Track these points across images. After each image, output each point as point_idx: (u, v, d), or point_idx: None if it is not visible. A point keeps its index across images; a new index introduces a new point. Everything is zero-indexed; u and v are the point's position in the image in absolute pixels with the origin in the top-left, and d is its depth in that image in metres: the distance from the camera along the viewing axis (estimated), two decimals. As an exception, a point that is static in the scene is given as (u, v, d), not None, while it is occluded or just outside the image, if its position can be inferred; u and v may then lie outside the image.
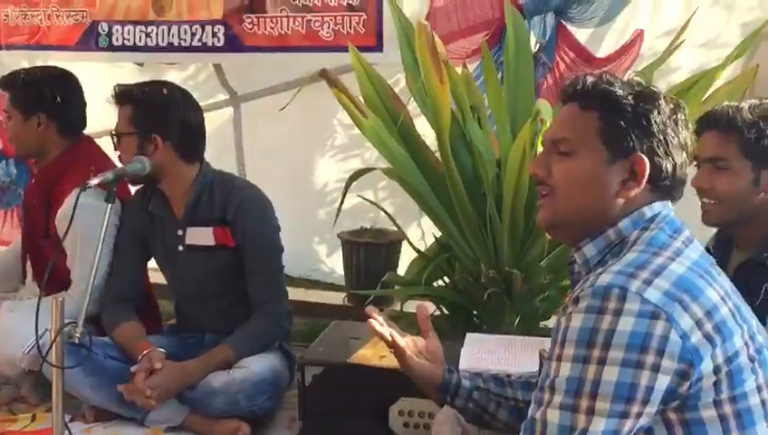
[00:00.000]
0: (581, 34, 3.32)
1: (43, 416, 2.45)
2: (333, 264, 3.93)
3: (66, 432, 2.06)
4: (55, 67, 2.80)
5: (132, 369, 2.26)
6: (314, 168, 3.93)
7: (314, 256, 3.96)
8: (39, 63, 4.06)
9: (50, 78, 2.66)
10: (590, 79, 1.29)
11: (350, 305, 3.59)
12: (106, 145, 2.66)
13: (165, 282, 2.68)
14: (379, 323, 1.53)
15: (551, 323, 2.81)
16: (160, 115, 2.41)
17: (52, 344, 1.98)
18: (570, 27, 3.32)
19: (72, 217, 2.03)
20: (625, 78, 1.33)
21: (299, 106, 3.32)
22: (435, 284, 2.93)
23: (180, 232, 2.48)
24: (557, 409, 1.11)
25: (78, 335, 1.98)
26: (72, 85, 2.70)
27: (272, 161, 3.92)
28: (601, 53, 3.30)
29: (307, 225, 3.84)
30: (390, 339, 1.51)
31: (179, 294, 2.63)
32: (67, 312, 1.95)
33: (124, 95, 2.42)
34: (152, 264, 2.67)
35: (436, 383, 1.52)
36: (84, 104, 2.74)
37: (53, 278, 2.23)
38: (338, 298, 3.65)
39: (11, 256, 2.93)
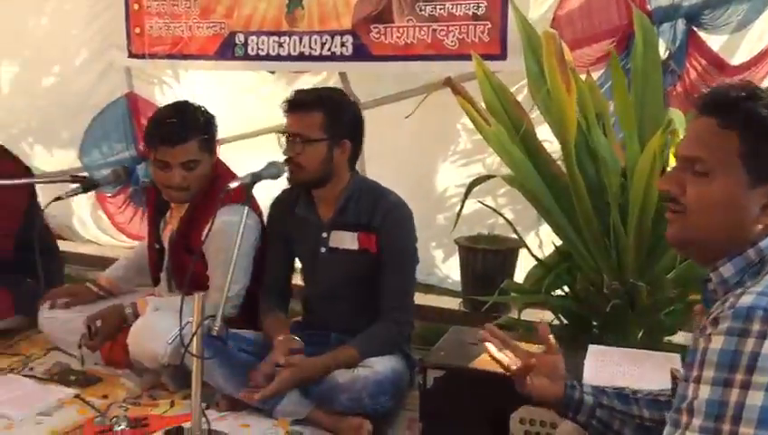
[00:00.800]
0: (714, 41, 3.20)
1: (180, 402, 2.60)
2: (448, 269, 3.96)
3: (203, 418, 2.21)
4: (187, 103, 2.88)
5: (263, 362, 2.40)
6: (435, 173, 3.96)
7: (430, 260, 4.01)
8: (180, 72, 4.38)
9: (197, 110, 2.78)
10: (732, 92, 1.23)
11: (465, 311, 3.61)
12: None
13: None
14: (496, 346, 1.54)
15: (676, 338, 2.74)
16: (350, 121, 2.55)
17: (193, 335, 2.13)
18: (701, 34, 3.20)
19: (212, 225, 2.20)
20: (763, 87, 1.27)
21: (422, 112, 3.37)
22: (554, 293, 2.91)
23: (325, 234, 2.60)
24: (696, 432, 1.09)
25: (216, 329, 2.13)
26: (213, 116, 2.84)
27: (392, 167, 3.98)
28: (736, 60, 3.17)
29: (425, 229, 3.88)
30: (507, 365, 1.53)
31: (313, 294, 2.74)
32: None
33: (313, 102, 2.50)
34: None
35: (556, 400, 1.52)
36: None
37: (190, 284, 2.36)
38: (452, 303, 3.68)
39: (137, 253, 3.15)
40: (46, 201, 3.23)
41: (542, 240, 3.53)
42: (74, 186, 2.76)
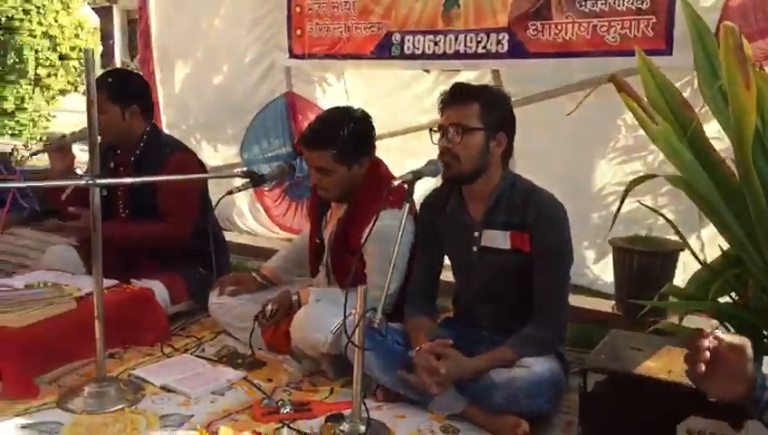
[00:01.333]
0: None
1: (339, 390, 2.70)
2: (600, 270, 3.87)
3: (363, 407, 2.29)
4: (349, 109, 2.98)
5: (412, 352, 2.43)
6: (591, 170, 3.87)
7: (581, 260, 3.93)
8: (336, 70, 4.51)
9: (360, 123, 2.87)
10: None
11: (618, 314, 3.52)
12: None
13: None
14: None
15: None
16: (505, 115, 2.55)
17: (356, 327, 2.22)
18: None
19: (373, 226, 2.29)
20: None
21: (578, 109, 3.31)
22: (720, 299, 2.78)
23: (476, 234, 2.59)
24: None
25: (377, 321, 2.20)
26: (371, 122, 2.93)
27: (544, 164, 3.93)
28: None
29: (578, 229, 3.81)
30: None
31: (465, 292, 2.75)
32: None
33: (471, 93, 2.53)
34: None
35: (740, 397, 1.46)
36: None
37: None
38: (603, 305, 3.59)
39: (304, 244, 3.26)
40: (213, 193, 3.48)
41: (704, 243, 3.38)
42: (244, 181, 2.92)
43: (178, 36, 5.21)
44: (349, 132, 2.79)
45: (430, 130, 2.58)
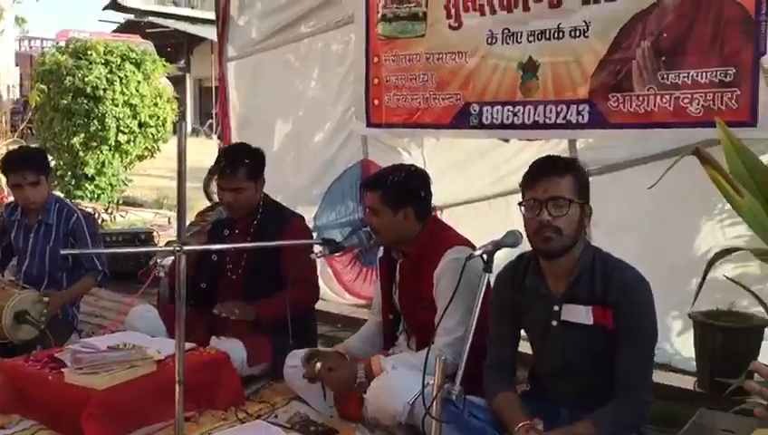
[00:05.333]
0: None
1: (411, 460, 2.67)
2: (681, 345, 3.75)
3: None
4: (410, 165, 3.21)
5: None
6: (673, 240, 3.80)
7: (661, 335, 3.82)
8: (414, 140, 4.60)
9: (413, 176, 3.04)
10: None
11: (700, 392, 3.38)
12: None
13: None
14: None
15: None
16: (588, 187, 2.54)
17: (434, 399, 2.20)
18: None
19: (460, 278, 2.36)
20: None
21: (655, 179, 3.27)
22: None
23: (556, 307, 2.53)
24: None
25: (455, 393, 2.18)
26: (428, 180, 3.08)
27: (620, 235, 3.88)
28: None
29: (656, 303, 3.73)
30: None
31: (543, 367, 2.68)
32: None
33: (566, 166, 2.53)
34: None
35: None
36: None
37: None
38: (682, 381, 3.48)
39: (371, 325, 3.30)
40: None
41: (794, 320, 3.26)
42: (320, 248, 2.98)
43: (258, 106, 5.41)
44: (398, 180, 2.99)
45: (519, 203, 2.54)
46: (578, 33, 3.67)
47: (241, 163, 3.45)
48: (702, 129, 3.26)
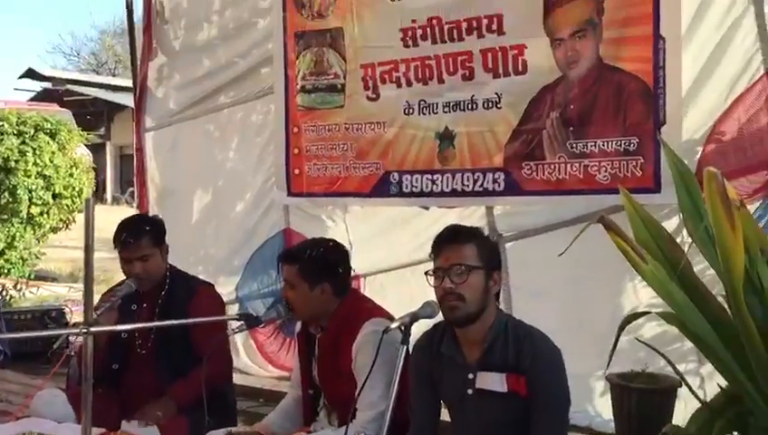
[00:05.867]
0: None
1: None
2: (601, 407, 3.80)
3: None
4: (329, 240, 3.20)
5: None
6: (587, 304, 3.87)
7: (581, 399, 3.87)
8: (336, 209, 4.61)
9: (332, 251, 3.03)
10: None
11: (621, 454, 3.42)
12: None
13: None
14: None
15: None
16: (497, 253, 2.65)
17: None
18: None
19: (377, 350, 2.38)
20: None
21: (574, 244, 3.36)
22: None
23: (471, 375, 2.52)
24: None
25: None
26: (347, 256, 3.09)
27: (541, 300, 3.95)
28: None
29: (576, 365, 3.78)
30: None
31: None
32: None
33: (467, 234, 2.58)
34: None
35: None
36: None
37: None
38: (607, 444, 3.52)
39: (291, 400, 3.22)
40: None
41: (704, 378, 3.34)
42: (238, 323, 2.92)
43: (178, 176, 5.36)
44: (316, 254, 2.96)
45: (426, 273, 2.57)
46: (491, 105, 3.81)
47: (143, 231, 3.38)
48: (610, 195, 3.37)
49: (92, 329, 2.13)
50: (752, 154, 3.31)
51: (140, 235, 3.36)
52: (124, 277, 3.43)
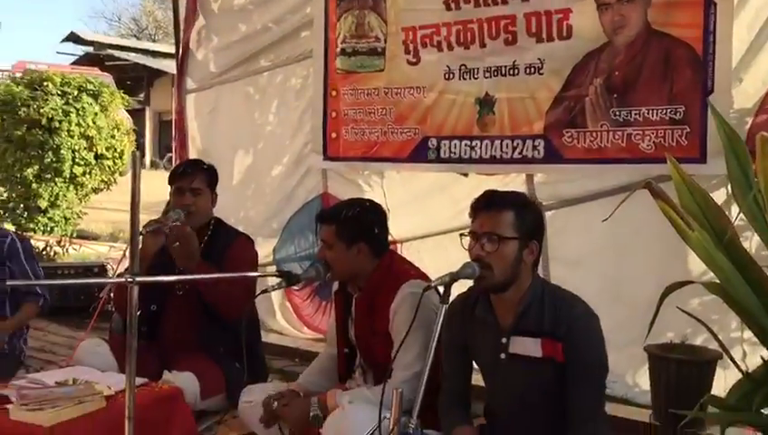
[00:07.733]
0: None
1: (370, 497, 2.63)
2: (639, 378, 3.78)
3: None
4: (366, 200, 3.16)
5: None
6: (628, 274, 3.84)
7: (617, 368, 3.85)
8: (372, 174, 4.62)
9: (368, 212, 3.01)
10: None
11: (656, 424, 3.40)
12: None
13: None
14: None
15: None
16: (537, 222, 2.53)
17: (390, 433, 2.17)
18: None
19: (416, 311, 2.38)
20: None
21: (616, 213, 3.31)
22: (763, 410, 2.68)
23: (504, 340, 2.50)
24: None
25: (412, 427, 2.15)
26: (384, 216, 3.05)
27: (579, 269, 3.92)
28: None
29: (614, 336, 3.75)
30: None
31: (495, 401, 2.66)
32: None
33: (505, 201, 2.50)
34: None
35: None
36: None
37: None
38: (640, 414, 3.48)
39: (326, 358, 3.26)
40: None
41: (746, 352, 3.30)
42: (278, 280, 2.94)
43: (217, 138, 5.40)
44: (352, 214, 2.94)
45: (461, 234, 2.54)
46: (533, 70, 3.76)
47: (200, 167, 3.56)
48: (654, 164, 3.34)
49: (138, 278, 2.16)
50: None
51: (197, 169, 3.54)
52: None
